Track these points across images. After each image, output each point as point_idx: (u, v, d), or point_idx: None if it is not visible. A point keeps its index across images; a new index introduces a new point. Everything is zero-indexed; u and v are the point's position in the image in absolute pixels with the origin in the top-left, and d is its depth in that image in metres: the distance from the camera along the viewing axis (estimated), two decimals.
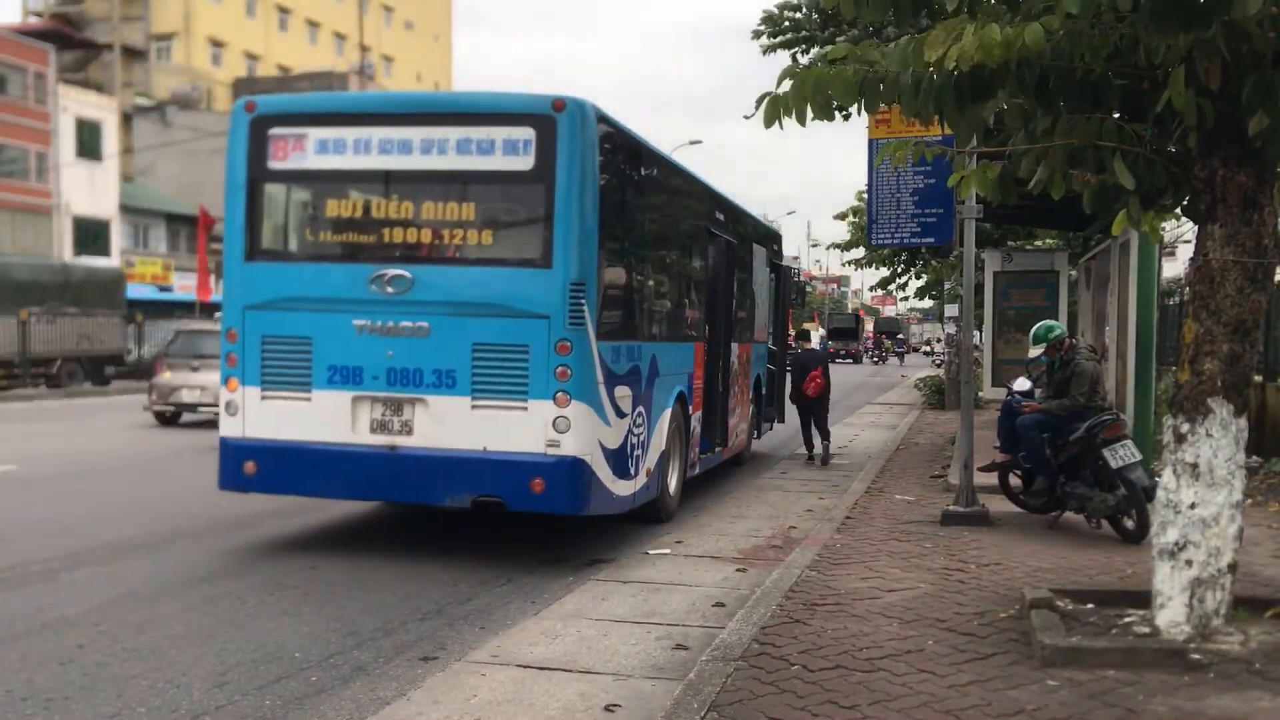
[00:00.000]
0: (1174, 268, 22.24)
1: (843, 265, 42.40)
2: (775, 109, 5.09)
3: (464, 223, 7.71)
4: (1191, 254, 5.37)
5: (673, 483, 9.64)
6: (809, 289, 62.67)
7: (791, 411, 14.84)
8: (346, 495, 8.56)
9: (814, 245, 67.34)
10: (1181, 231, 22.39)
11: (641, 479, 8.64)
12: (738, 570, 7.59)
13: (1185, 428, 5.13)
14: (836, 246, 27.76)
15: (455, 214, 7.72)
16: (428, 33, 73.29)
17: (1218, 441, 5.08)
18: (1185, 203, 5.39)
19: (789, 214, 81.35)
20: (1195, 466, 5.10)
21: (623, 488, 8.22)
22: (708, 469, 11.27)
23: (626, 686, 5.10)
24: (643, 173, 9.05)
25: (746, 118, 5.23)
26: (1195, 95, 4.70)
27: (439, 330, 7.57)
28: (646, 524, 9.15)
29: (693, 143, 47.07)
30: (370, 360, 7.69)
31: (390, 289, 7.64)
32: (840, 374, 42.98)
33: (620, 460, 8.14)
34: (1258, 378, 11.61)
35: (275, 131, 7.97)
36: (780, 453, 15.14)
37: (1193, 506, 5.09)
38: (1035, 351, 8.76)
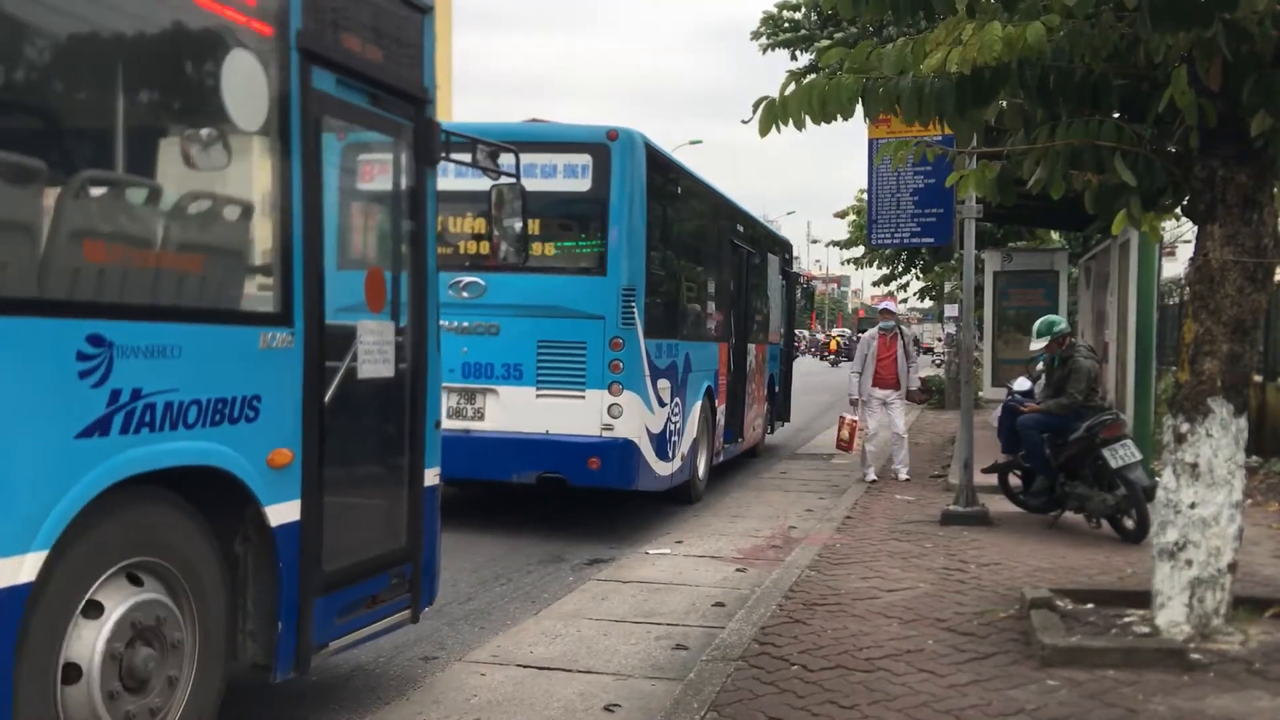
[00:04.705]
0: (1174, 268, 22.18)
1: (843, 265, 42.39)
2: (771, 116, 5.09)
3: (530, 236, 8.32)
4: (1191, 254, 5.37)
5: (701, 467, 10.58)
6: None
7: (798, 410, 15.38)
8: None
9: (814, 243, 67.27)
10: (1181, 231, 22.37)
11: (677, 462, 9.64)
12: (738, 570, 7.59)
13: (1185, 428, 5.13)
14: (836, 244, 27.71)
15: None
16: None
17: (1218, 441, 5.08)
18: (1185, 203, 5.38)
19: (789, 214, 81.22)
20: (1195, 466, 5.09)
21: (663, 468, 9.23)
22: (729, 458, 12.09)
23: (626, 686, 5.10)
24: (679, 191, 10.19)
25: (744, 122, 5.25)
26: (1195, 95, 4.69)
27: (508, 329, 8.60)
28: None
29: (693, 142, 47.00)
30: (448, 355, 8.48)
31: (466, 294, 8.61)
32: (839, 373, 42.94)
33: (661, 444, 9.15)
34: (1258, 378, 11.61)
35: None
36: (781, 453, 15.15)
37: (1193, 506, 5.09)
38: (1038, 345, 8.76)
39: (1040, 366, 9.05)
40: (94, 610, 3.37)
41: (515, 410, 8.57)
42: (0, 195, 3.13)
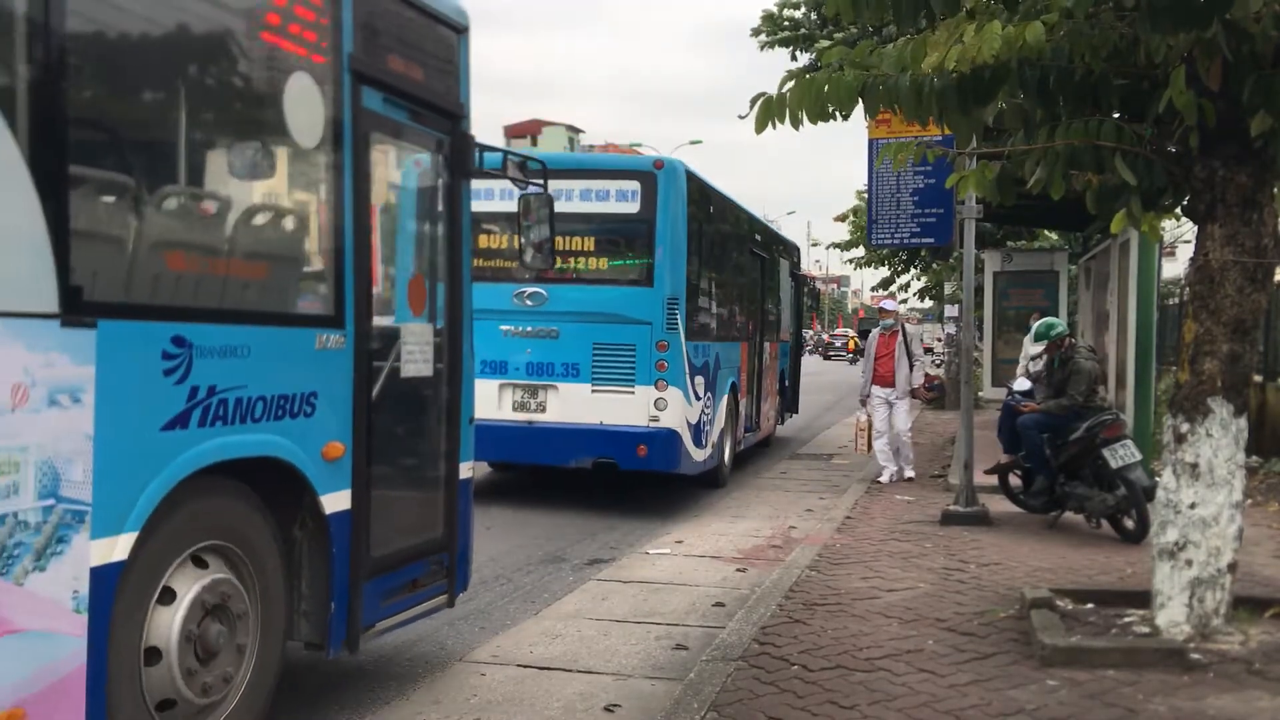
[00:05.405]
0: (1174, 268, 22.23)
1: (843, 264, 42.43)
2: (767, 113, 5.08)
3: (586, 252, 9.94)
4: (1191, 254, 5.37)
5: (727, 455, 11.64)
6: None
7: (804, 405, 16.62)
8: (496, 458, 10.63)
9: (814, 245, 67.34)
10: (1181, 231, 22.37)
11: (709, 449, 10.70)
12: (738, 570, 7.59)
13: (1185, 428, 5.13)
14: (836, 246, 27.72)
15: (579, 245, 9.90)
16: None
17: (1218, 441, 5.08)
18: (1185, 203, 5.38)
19: (789, 214, 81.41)
20: (1195, 466, 5.09)
21: (698, 455, 10.30)
22: (748, 447, 13.27)
23: (626, 686, 5.10)
24: (712, 211, 11.38)
25: (741, 118, 5.26)
26: (1195, 95, 4.69)
27: (566, 334, 9.73)
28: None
29: (693, 142, 47.18)
30: (514, 356, 9.84)
31: (529, 302, 9.77)
32: (842, 372, 43.09)
33: (697, 433, 10.26)
34: (1258, 378, 11.61)
35: None
36: (781, 453, 15.15)
37: (1193, 506, 5.09)
38: (1036, 349, 8.77)
39: (1031, 367, 9.04)
40: (192, 565, 3.74)
41: (573, 404, 9.70)
42: (102, 210, 3.41)
